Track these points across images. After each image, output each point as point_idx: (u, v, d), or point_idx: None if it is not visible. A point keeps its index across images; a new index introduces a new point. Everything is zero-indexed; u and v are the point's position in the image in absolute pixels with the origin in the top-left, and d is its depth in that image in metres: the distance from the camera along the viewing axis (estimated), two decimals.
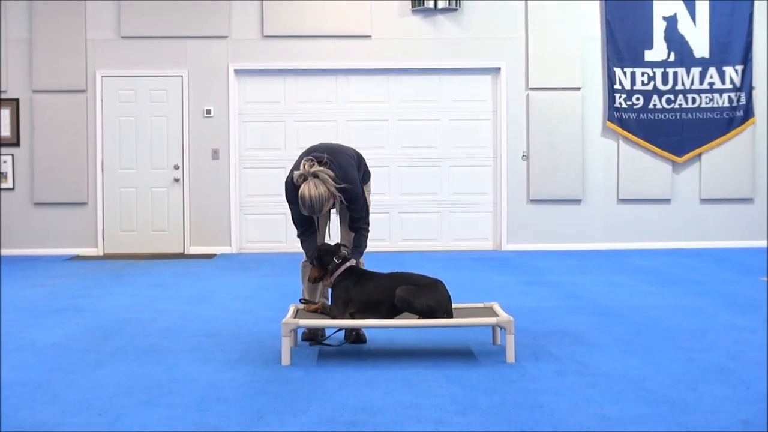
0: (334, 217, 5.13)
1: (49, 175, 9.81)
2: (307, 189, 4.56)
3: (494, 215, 10.15)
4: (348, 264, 4.80)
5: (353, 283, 4.75)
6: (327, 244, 4.95)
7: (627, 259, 9.10)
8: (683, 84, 10.07)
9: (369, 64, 9.98)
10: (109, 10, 9.85)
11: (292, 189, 4.73)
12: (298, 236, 4.95)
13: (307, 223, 4.88)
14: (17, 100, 9.84)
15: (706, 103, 10.08)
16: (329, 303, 4.97)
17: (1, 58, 9.82)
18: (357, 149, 5.16)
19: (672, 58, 10.06)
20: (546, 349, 4.80)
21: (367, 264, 5.08)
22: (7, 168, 9.84)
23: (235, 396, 3.91)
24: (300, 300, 5.04)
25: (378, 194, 9.99)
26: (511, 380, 4.15)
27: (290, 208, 4.86)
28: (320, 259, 4.80)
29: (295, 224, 4.95)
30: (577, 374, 4.26)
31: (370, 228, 5.02)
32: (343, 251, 4.83)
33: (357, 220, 4.94)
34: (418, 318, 4.64)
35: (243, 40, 9.93)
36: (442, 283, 4.77)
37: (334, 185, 4.61)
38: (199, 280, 7.82)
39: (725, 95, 10.08)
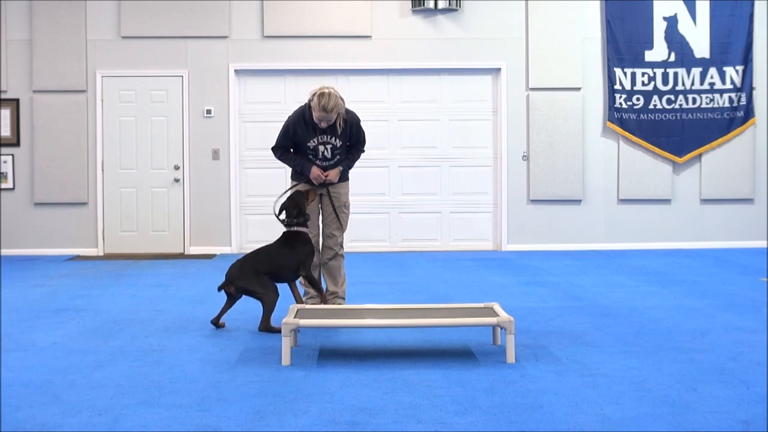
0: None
1: (49, 176, 9.82)
2: (328, 90, 5.44)
3: (494, 215, 10.15)
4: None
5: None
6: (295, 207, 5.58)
7: (627, 259, 9.10)
8: (683, 84, 10.07)
9: (369, 64, 9.98)
10: (110, 10, 9.86)
11: (297, 111, 5.65)
12: (278, 158, 5.84)
13: (285, 148, 5.77)
14: (17, 101, 9.84)
15: (707, 104, 10.08)
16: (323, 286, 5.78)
17: (2, 59, 9.83)
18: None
19: (672, 58, 10.06)
20: (546, 350, 4.80)
21: (368, 264, 5.09)
22: (8, 168, 9.84)
23: (235, 396, 3.91)
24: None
25: (378, 194, 10.02)
26: (511, 381, 4.15)
27: (282, 129, 5.73)
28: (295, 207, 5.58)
29: (275, 147, 5.82)
30: (578, 375, 4.26)
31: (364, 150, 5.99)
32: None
33: (359, 145, 5.86)
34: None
35: (243, 41, 9.93)
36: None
37: (344, 106, 5.56)
38: (199, 280, 7.82)
39: (726, 96, 10.08)
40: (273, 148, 5.86)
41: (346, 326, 4.88)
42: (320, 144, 5.64)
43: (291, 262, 5.51)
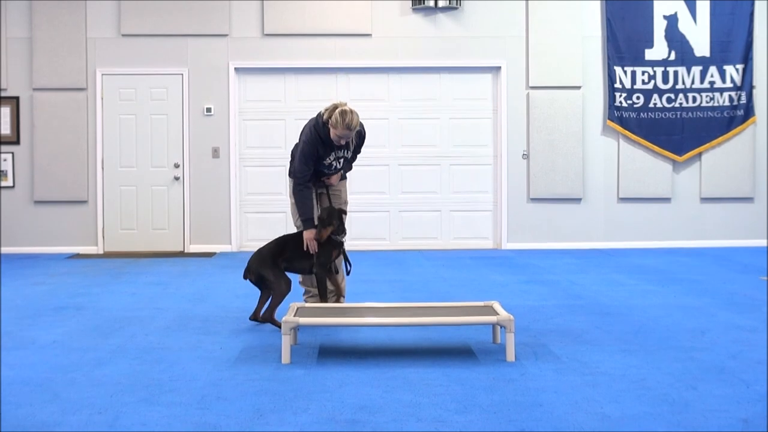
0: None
1: (49, 174, 9.81)
2: (348, 107, 5.34)
3: (494, 214, 10.15)
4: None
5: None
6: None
7: (627, 258, 9.10)
8: (684, 83, 10.07)
9: (369, 62, 9.98)
10: (110, 8, 9.85)
11: (311, 134, 5.44)
12: (298, 184, 5.49)
13: (311, 170, 5.50)
14: (17, 98, 9.84)
15: (707, 102, 10.08)
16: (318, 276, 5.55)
17: (2, 57, 9.82)
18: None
19: (672, 57, 10.05)
20: (546, 348, 4.80)
21: (368, 263, 5.09)
22: (8, 166, 9.84)
23: (235, 394, 3.91)
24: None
25: (378, 193, 10.02)
26: (511, 379, 4.15)
27: (301, 159, 5.46)
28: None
29: (300, 180, 5.49)
30: (577, 373, 4.26)
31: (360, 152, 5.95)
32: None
33: (360, 147, 5.84)
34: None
35: (243, 39, 9.93)
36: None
37: (360, 122, 5.48)
38: (199, 278, 7.82)
39: (726, 94, 10.08)
40: (296, 185, 5.52)
41: (346, 324, 4.88)
42: (335, 159, 5.63)
43: (308, 255, 5.51)
